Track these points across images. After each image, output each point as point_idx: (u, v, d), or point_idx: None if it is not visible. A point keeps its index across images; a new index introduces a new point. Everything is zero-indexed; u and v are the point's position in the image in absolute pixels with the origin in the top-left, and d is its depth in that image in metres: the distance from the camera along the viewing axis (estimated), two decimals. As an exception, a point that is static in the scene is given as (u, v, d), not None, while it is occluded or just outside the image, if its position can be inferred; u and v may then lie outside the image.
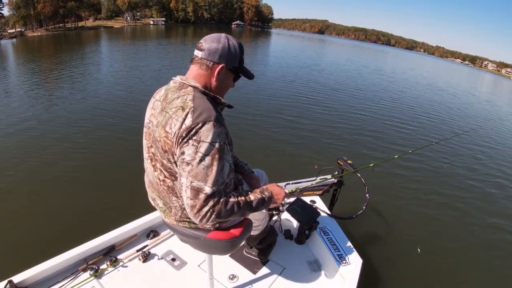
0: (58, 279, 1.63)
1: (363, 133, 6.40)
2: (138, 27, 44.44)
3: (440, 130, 7.75)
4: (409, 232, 3.20)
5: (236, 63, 1.19)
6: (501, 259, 3.02)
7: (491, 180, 5.00)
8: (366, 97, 10.63)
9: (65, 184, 3.44)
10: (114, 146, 4.54)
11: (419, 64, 49.88)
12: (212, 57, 1.14)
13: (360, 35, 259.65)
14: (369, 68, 22.32)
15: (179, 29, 45.44)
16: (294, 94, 9.27)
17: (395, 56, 68.84)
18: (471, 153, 6.18)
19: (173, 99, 1.11)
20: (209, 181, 1.02)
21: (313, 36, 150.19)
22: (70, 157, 4.10)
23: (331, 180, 2.58)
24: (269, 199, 1.22)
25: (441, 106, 11.52)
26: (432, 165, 5.21)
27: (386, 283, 2.47)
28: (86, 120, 5.60)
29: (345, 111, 8.11)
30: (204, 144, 1.02)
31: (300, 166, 4.38)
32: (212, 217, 1.03)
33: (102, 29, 33.47)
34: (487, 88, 30.24)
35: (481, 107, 13.98)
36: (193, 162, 1.02)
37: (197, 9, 75.88)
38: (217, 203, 1.03)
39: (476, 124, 9.43)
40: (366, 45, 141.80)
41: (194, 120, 1.03)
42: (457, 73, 50.56)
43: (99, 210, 2.98)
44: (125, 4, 57.97)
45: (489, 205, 4.11)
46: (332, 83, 12.55)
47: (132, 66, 11.88)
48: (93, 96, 7.35)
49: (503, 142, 7.74)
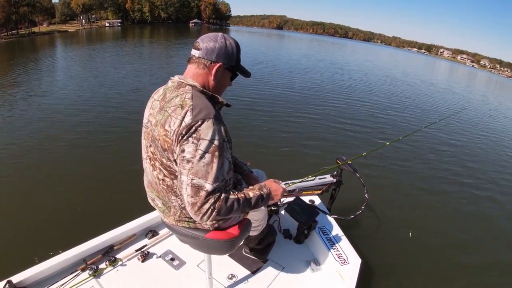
0: (57, 279, 1.63)
1: (347, 128, 6.53)
2: (93, 30, 42.62)
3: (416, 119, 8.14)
4: (408, 231, 3.20)
5: (233, 61, 1.20)
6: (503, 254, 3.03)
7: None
8: (333, 91, 10.65)
9: (63, 184, 3.44)
10: (113, 145, 4.53)
11: (378, 55, 51.87)
12: (210, 56, 1.15)
13: (318, 29, 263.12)
14: (324, 61, 22.39)
15: (136, 30, 44.07)
16: (272, 92, 9.13)
17: (353, 48, 70.08)
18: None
19: (172, 98, 1.12)
20: (209, 179, 1.03)
21: (271, 31, 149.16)
22: (69, 157, 4.09)
23: (330, 179, 2.58)
24: (268, 196, 1.23)
25: (412, 95, 12.03)
26: (426, 156, 5.34)
27: (385, 283, 2.47)
28: (84, 120, 5.59)
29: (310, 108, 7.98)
30: (204, 141, 1.02)
31: (299, 165, 4.38)
32: (213, 215, 1.04)
33: (56, 34, 31.70)
34: (444, 75, 31.95)
35: (452, 96, 14.74)
36: (194, 160, 1.02)
37: (154, 9, 74.71)
38: (217, 200, 1.04)
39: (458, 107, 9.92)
40: (324, 38, 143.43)
41: (194, 118, 1.03)
42: (415, 61, 53.61)
43: (98, 210, 2.97)
44: (79, 7, 55.97)
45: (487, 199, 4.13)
46: (296, 80, 12.16)
47: (93, 70, 10.96)
48: (74, 100, 7.22)
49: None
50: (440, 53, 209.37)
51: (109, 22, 60.04)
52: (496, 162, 5.93)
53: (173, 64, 13.67)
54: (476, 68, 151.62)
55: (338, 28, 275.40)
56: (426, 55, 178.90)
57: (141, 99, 6.83)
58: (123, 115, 6.00)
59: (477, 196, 4.32)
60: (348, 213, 2.35)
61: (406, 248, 2.98)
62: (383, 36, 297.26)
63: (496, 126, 9.39)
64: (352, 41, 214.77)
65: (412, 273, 2.67)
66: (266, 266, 1.92)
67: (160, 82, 1.32)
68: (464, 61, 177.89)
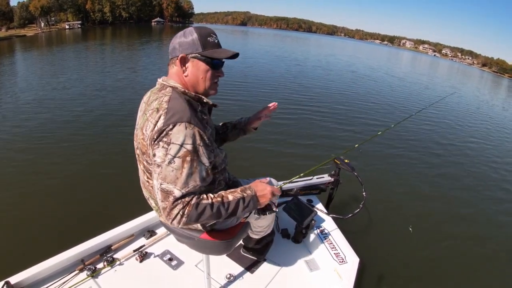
0: (55, 279, 1.63)
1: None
2: (53, 33, 40.37)
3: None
4: (407, 230, 3.21)
5: (199, 48, 1.10)
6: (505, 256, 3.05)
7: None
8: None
9: (61, 184, 3.43)
10: (110, 145, 4.53)
11: (341, 48, 52.71)
12: (174, 52, 1.13)
13: (282, 24, 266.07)
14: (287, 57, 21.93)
15: (97, 31, 42.63)
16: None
17: (317, 41, 70.72)
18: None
19: (152, 101, 1.11)
20: (178, 184, 1.00)
21: (234, 28, 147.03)
22: (66, 157, 4.08)
23: (328, 179, 2.59)
24: (252, 198, 1.13)
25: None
26: (421, 149, 5.45)
27: (384, 282, 2.48)
28: (82, 120, 5.58)
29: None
30: (174, 146, 1.00)
31: (297, 165, 4.39)
32: (182, 220, 1.01)
33: (14, 39, 29.63)
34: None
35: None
36: (163, 164, 1.01)
37: (115, 9, 72.52)
38: (186, 206, 1.00)
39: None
40: (288, 33, 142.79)
41: (166, 122, 1.01)
42: (379, 53, 55.48)
43: (95, 210, 2.97)
44: (37, 9, 53.35)
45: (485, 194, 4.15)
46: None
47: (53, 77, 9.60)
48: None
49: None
50: (403, 44, 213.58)
51: (69, 24, 57.22)
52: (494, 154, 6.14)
53: (138, 67, 12.66)
54: (438, 57, 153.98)
55: (301, 22, 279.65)
56: (389, 46, 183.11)
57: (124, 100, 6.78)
58: (120, 116, 5.99)
59: (474, 190, 4.37)
60: (346, 212, 2.36)
61: (404, 246, 2.98)
62: (346, 29, 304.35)
63: (496, 124, 9.55)
64: (316, 35, 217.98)
65: (411, 271, 2.68)
66: (264, 266, 1.93)
67: (121, 85, 1.27)
68: (427, 51, 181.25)
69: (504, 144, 7.36)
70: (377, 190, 3.85)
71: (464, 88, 20.90)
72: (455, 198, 4.12)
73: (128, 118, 5.40)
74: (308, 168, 1.74)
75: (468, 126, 8.51)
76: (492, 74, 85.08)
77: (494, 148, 6.77)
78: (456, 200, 4.08)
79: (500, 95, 22.73)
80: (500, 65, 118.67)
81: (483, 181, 4.83)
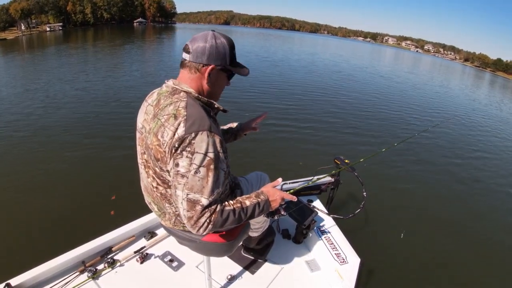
0: (55, 281, 1.62)
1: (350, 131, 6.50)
2: (34, 35, 39.41)
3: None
4: (407, 230, 3.21)
5: (227, 61, 1.12)
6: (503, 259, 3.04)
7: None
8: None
9: (61, 186, 3.43)
10: (111, 147, 4.53)
11: (324, 45, 54.23)
12: (200, 59, 1.08)
13: (265, 23, 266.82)
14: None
15: (78, 33, 41.74)
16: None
17: (300, 40, 70.47)
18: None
19: (166, 106, 1.07)
20: (205, 193, 1.00)
21: (217, 27, 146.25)
22: (66, 158, 4.09)
23: (328, 179, 2.58)
24: (265, 203, 1.16)
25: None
26: (421, 156, 5.35)
27: (385, 282, 2.48)
28: (81, 120, 5.59)
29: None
30: (198, 155, 0.99)
31: (297, 166, 4.39)
32: (209, 227, 1.02)
33: None
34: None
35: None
36: (188, 174, 0.99)
37: (96, 10, 71.55)
38: (213, 213, 1.02)
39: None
40: (271, 31, 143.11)
41: (187, 130, 0.99)
42: (362, 49, 57.28)
43: (96, 211, 2.97)
44: (17, 12, 52.39)
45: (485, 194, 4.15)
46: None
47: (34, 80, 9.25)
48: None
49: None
50: (385, 40, 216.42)
51: (50, 27, 55.95)
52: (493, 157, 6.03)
53: (122, 68, 12.40)
54: (420, 53, 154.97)
55: (285, 21, 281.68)
56: (372, 43, 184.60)
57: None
58: (119, 116, 5.99)
59: (471, 193, 4.36)
60: (347, 212, 2.35)
61: (405, 246, 2.98)
62: (329, 27, 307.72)
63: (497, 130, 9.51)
64: (299, 33, 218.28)
65: (412, 271, 2.68)
66: (265, 267, 1.92)
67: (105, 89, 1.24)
68: (409, 47, 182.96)
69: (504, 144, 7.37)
70: (378, 190, 3.85)
71: (455, 89, 20.06)
72: (456, 199, 4.12)
73: (129, 118, 5.40)
74: (308, 169, 1.74)
75: (469, 126, 8.53)
76: (474, 69, 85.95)
77: (495, 147, 6.80)
78: (457, 200, 4.08)
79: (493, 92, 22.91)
80: (482, 60, 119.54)
81: (486, 183, 4.80)
